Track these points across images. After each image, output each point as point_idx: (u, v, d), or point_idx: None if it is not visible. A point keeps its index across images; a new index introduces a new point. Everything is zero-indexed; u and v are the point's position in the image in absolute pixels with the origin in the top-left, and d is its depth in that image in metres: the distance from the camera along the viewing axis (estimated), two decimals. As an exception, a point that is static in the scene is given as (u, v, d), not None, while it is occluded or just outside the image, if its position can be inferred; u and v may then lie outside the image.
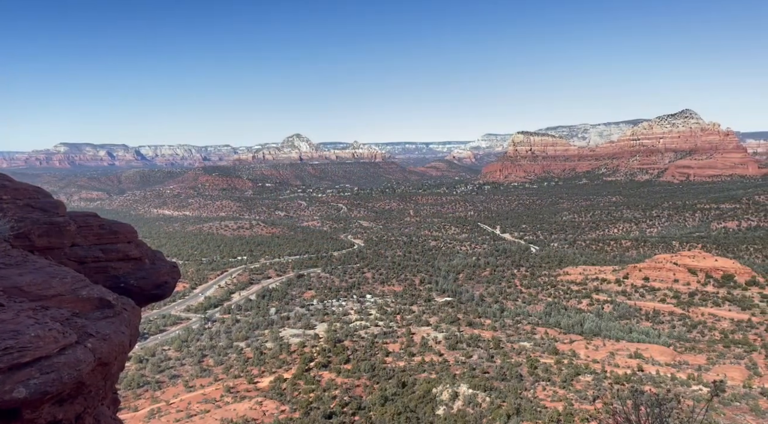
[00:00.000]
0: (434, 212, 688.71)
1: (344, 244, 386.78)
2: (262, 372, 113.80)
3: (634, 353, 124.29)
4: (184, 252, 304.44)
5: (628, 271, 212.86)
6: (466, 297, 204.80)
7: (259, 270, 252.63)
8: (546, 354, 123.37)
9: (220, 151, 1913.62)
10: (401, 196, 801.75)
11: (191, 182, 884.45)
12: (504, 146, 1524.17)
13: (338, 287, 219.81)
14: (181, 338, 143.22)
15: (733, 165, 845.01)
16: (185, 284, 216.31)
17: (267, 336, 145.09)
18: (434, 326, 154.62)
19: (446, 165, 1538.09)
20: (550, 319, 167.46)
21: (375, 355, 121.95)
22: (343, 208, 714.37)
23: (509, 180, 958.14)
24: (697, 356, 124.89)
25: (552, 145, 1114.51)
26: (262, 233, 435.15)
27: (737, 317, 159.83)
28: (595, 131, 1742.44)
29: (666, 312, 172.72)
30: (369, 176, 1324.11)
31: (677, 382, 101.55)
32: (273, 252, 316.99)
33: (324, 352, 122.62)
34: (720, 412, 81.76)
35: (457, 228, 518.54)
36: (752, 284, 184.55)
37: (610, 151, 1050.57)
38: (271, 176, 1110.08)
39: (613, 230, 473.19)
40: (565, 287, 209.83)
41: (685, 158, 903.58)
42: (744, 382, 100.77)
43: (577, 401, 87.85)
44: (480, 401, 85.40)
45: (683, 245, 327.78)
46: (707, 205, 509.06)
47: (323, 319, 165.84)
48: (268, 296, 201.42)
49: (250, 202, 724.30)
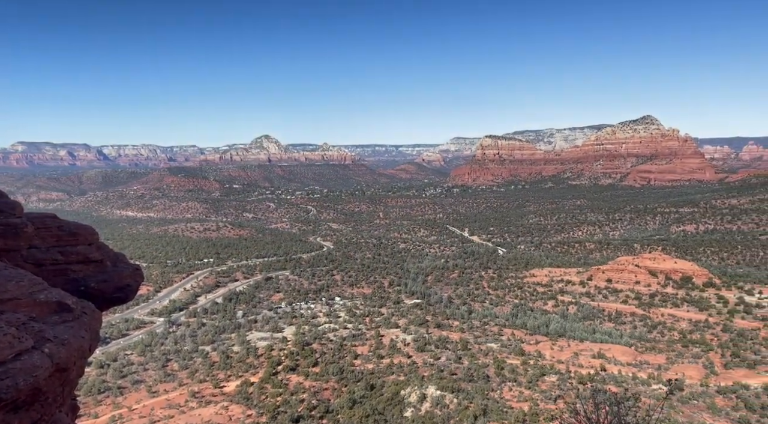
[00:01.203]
0: (404, 214, 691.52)
1: (313, 246, 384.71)
2: (229, 376, 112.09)
3: (598, 353, 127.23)
4: (149, 254, 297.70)
5: (591, 273, 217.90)
6: (435, 299, 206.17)
7: (226, 273, 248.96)
8: (512, 355, 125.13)
9: (187, 151, 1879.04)
10: (371, 198, 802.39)
11: (156, 183, 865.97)
12: (472, 150, 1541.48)
13: (307, 290, 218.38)
14: (145, 342, 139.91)
15: (691, 170, 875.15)
16: (149, 287, 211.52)
17: (234, 340, 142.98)
18: (403, 328, 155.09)
19: (416, 168, 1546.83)
20: (516, 320, 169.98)
21: (344, 357, 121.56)
22: (312, 210, 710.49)
23: (477, 183, 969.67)
24: (657, 356, 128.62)
25: (519, 149, 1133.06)
26: (229, 235, 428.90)
27: (695, 317, 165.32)
28: (560, 136, 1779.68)
29: (628, 313, 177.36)
30: (339, 178, 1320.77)
31: (638, 381, 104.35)
32: (240, 254, 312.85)
33: (292, 355, 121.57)
34: (678, 410, 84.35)
35: (426, 230, 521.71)
36: (709, 285, 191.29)
37: (575, 155, 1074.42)
38: (239, 178, 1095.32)
39: (578, 232, 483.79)
40: (532, 289, 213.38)
41: (646, 163, 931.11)
42: (701, 381, 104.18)
43: (543, 401, 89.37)
44: (448, 402, 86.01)
45: (644, 247, 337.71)
46: (667, 209, 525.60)
47: (291, 322, 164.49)
48: (235, 299, 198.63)
49: (217, 204, 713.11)
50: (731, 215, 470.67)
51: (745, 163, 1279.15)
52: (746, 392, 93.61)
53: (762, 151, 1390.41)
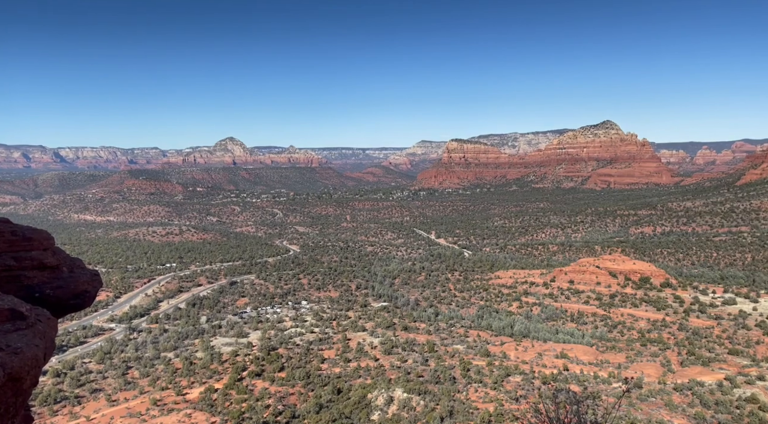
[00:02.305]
0: (371, 217, 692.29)
1: (279, 250, 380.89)
2: (192, 383, 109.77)
3: (560, 353, 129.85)
4: (108, 259, 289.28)
5: (554, 274, 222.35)
6: (402, 302, 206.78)
7: (190, 277, 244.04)
8: (478, 356, 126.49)
9: (148, 153, 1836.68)
10: (338, 201, 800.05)
11: (116, 186, 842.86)
12: (439, 153, 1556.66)
13: (273, 294, 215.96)
14: (104, 349, 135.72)
15: (649, 174, 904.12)
16: (109, 292, 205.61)
17: (197, 346, 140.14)
18: (370, 331, 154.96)
19: (383, 171, 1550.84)
20: (482, 322, 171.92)
21: (310, 362, 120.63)
22: (278, 213, 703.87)
23: (444, 186, 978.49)
24: (617, 355, 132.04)
25: (484, 152, 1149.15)
26: (192, 238, 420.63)
27: (653, 316, 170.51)
28: (524, 140, 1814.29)
29: (589, 313, 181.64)
30: (305, 181, 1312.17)
31: (599, 380, 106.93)
32: (204, 259, 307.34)
33: (257, 360, 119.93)
34: (638, 408, 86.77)
35: (393, 233, 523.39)
36: (666, 285, 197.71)
37: (538, 159, 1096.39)
38: (203, 180, 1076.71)
39: (541, 235, 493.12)
40: (497, 291, 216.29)
41: (606, 167, 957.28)
42: (659, 378, 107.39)
43: (507, 402, 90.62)
44: (414, 404, 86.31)
45: (605, 249, 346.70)
46: (626, 212, 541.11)
47: (257, 327, 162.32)
48: (198, 304, 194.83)
49: (180, 207, 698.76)
50: (686, 218, 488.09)
51: (699, 167, 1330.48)
52: (701, 388, 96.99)
53: (714, 155, 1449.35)
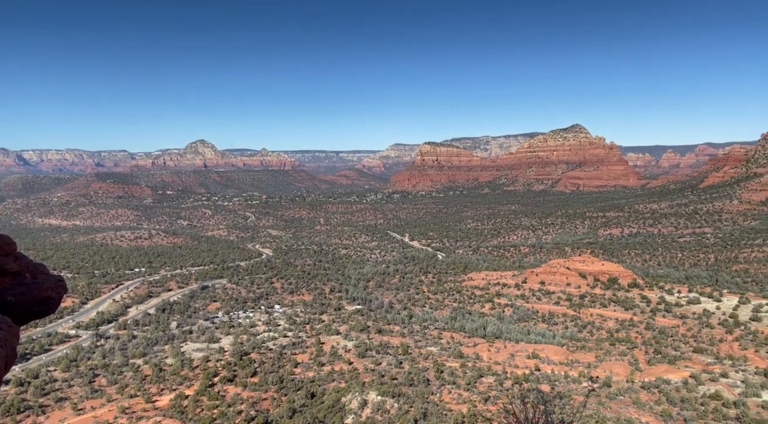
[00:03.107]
0: (345, 220, 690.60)
1: (252, 253, 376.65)
2: (162, 390, 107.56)
3: (532, 353, 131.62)
4: (74, 265, 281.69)
5: (526, 276, 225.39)
6: (376, 304, 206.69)
7: (159, 282, 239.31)
8: (452, 358, 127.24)
9: (116, 156, 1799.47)
10: (311, 204, 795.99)
11: (82, 189, 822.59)
12: (412, 156, 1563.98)
13: (245, 298, 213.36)
14: (69, 357, 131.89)
15: (617, 176, 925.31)
16: (74, 298, 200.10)
17: (167, 352, 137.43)
18: (344, 334, 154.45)
19: (356, 174, 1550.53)
20: (455, 323, 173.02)
21: (283, 366, 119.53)
22: (250, 216, 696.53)
23: (417, 189, 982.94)
24: (587, 355, 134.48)
25: (457, 155, 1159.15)
26: (162, 243, 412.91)
27: (621, 316, 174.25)
28: (496, 143, 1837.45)
29: (560, 314, 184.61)
30: (278, 184, 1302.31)
31: (569, 379, 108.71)
32: (174, 263, 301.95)
33: (229, 366, 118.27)
34: (607, 406, 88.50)
35: (367, 236, 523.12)
36: (633, 286, 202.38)
37: (510, 162, 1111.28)
38: (173, 183, 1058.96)
39: (513, 236, 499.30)
40: (470, 292, 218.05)
41: (575, 170, 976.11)
42: (627, 377, 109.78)
43: (481, 403, 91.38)
44: (389, 407, 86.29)
45: (575, 250, 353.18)
46: (595, 214, 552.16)
47: (229, 332, 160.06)
48: (168, 310, 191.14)
49: (149, 211, 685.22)
50: (653, 219, 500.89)
51: (664, 170, 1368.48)
52: (668, 386, 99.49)
53: (679, 158, 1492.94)
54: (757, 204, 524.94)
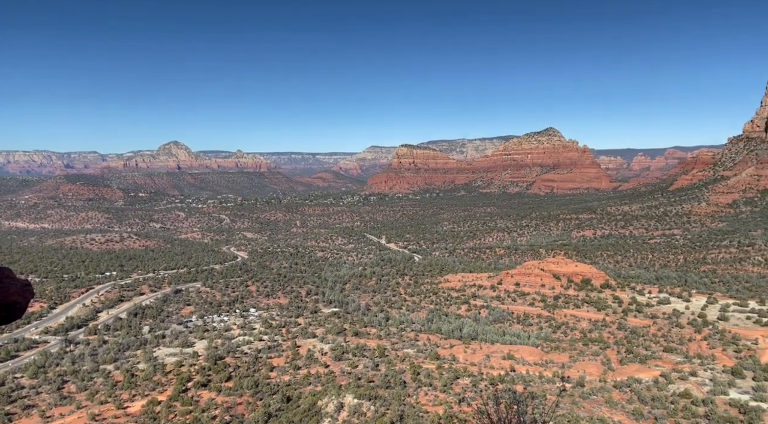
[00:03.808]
0: (321, 222, 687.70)
1: (227, 256, 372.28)
2: (134, 396, 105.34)
3: (507, 354, 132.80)
4: (42, 268, 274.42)
5: (501, 277, 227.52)
6: (353, 307, 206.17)
7: (131, 286, 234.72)
8: (428, 360, 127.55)
9: (86, 158, 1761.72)
10: (287, 206, 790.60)
11: (51, 192, 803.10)
12: (389, 158, 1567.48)
13: (220, 302, 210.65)
14: (37, 363, 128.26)
15: (589, 179, 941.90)
16: (43, 303, 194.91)
17: (139, 357, 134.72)
18: (320, 337, 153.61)
19: (333, 176, 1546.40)
20: (432, 325, 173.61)
21: (259, 370, 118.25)
22: (225, 219, 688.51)
23: (394, 191, 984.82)
24: (561, 355, 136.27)
25: (433, 158, 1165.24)
26: (134, 246, 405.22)
27: (594, 317, 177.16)
28: (471, 146, 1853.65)
29: (534, 315, 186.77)
30: (254, 186, 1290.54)
31: (544, 379, 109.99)
32: (147, 266, 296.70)
33: (203, 370, 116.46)
34: (580, 406, 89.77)
35: (344, 238, 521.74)
36: (606, 286, 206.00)
37: (485, 165, 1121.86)
38: (146, 185, 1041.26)
39: (489, 238, 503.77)
40: (446, 294, 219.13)
41: (549, 173, 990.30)
42: (600, 377, 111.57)
43: (457, 404, 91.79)
44: (365, 410, 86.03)
45: (549, 252, 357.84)
46: (568, 216, 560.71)
47: (203, 336, 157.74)
48: (141, 314, 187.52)
49: (120, 214, 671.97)
50: (624, 221, 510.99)
51: (635, 172, 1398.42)
52: (639, 385, 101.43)
53: (649, 161, 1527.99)
54: (724, 206, 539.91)
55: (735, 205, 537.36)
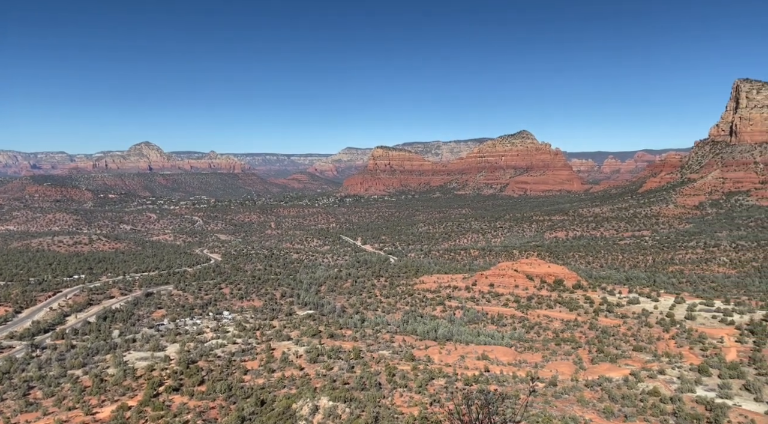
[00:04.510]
0: (296, 224, 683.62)
1: (200, 258, 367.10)
2: (103, 401, 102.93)
3: (482, 355, 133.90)
4: (7, 272, 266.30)
5: (476, 278, 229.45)
6: (328, 309, 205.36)
7: (101, 289, 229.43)
8: (403, 361, 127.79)
9: (54, 158, 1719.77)
10: (262, 208, 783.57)
11: (17, 193, 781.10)
12: (364, 160, 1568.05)
13: (192, 305, 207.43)
14: (2, 369, 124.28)
15: (562, 181, 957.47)
16: (7, 307, 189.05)
17: (109, 361, 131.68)
18: (295, 339, 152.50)
19: (308, 177, 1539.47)
20: (407, 327, 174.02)
21: (232, 374, 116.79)
22: (198, 220, 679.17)
23: (370, 193, 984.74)
24: (534, 355, 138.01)
25: (409, 160, 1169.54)
26: (104, 248, 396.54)
27: (566, 317, 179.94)
28: (447, 148, 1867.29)
29: (508, 315, 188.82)
30: (227, 188, 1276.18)
31: (517, 379, 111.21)
32: (117, 269, 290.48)
33: (175, 374, 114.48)
34: (553, 405, 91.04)
35: (319, 240, 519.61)
36: (578, 287, 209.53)
37: (460, 167, 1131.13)
38: (116, 187, 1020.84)
39: (463, 240, 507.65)
40: (421, 295, 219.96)
41: (523, 175, 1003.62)
42: (572, 376, 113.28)
43: (431, 405, 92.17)
44: (340, 412, 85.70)
45: (522, 253, 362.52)
46: (541, 217, 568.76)
47: (175, 339, 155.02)
48: (110, 318, 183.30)
49: (89, 215, 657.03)
50: (595, 223, 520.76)
51: (606, 175, 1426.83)
52: (609, 384, 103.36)
53: (619, 164, 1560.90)
54: (691, 208, 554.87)
55: (701, 207, 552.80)
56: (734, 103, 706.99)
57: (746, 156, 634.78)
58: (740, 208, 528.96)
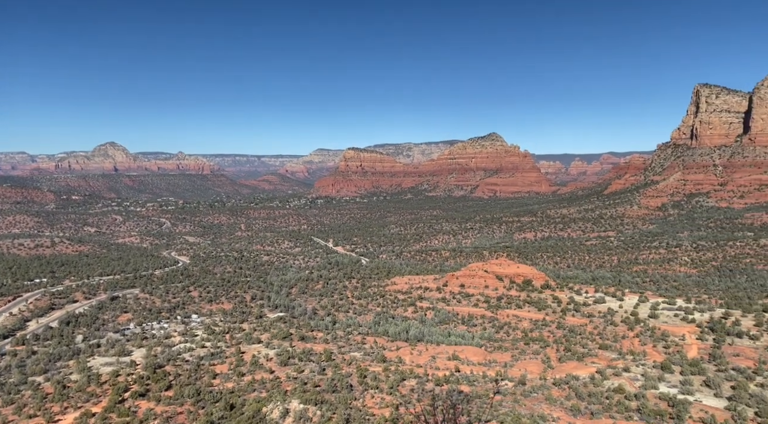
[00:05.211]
0: (267, 226, 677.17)
1: (167, 261, 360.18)
2: (65, 408, 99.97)
3: (452, 355, 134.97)
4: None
5: (447, 279, 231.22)
6: (299, 311, 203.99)
7: (63, 293, 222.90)
8: (375, 362, 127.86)
9: (14, 159, 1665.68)
10: (232, 210, 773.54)
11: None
12: (336, 161, 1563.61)
13: (160, 309, 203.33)
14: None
15: (530, 183, 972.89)
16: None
17: (72, 367, 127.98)
18: (266, 342, 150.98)
19: (279, 178, 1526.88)
20: (379, 328, 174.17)
21: (201, 378, 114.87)
22: (166, 223, 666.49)
23: (341, 194, 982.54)
24: (503, 354, 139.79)
25: (380, 161, 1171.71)
26: (67, 251, 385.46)
27: (535, 316, 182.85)
28: (418, 150, 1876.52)
29: (479, 315, 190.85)
30: (196, 189, 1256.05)
31: (487, 379, 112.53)
32: (81, 273, 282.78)
33: (141, 380, 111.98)
34: (522, 403, 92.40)
35: (290, 242, 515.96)
36: (546, 287, 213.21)
37: (431, 168, 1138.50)
38: (80, 188, 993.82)
39: (435, 241, 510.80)
40: (393, 297, 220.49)
41: (492, 176, 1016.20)
42: (540, 375, 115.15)
43: (402, 406, 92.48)
44: (311, 415, 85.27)
45: (492, 254, 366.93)
46: (511, 219, 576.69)
47: (142, 344, 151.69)
48: (74, 322, 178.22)
49: (52, 217, 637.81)
50: (563, 224, 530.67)
51: (573, 177, 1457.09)
52: (576, 382, 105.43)
53: (586, 166, 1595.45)
54: (654, 209, 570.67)
55: (664, 208, 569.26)
56: (695, 108, 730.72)
57: (706, 159, 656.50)
58: (700, 209, 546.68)
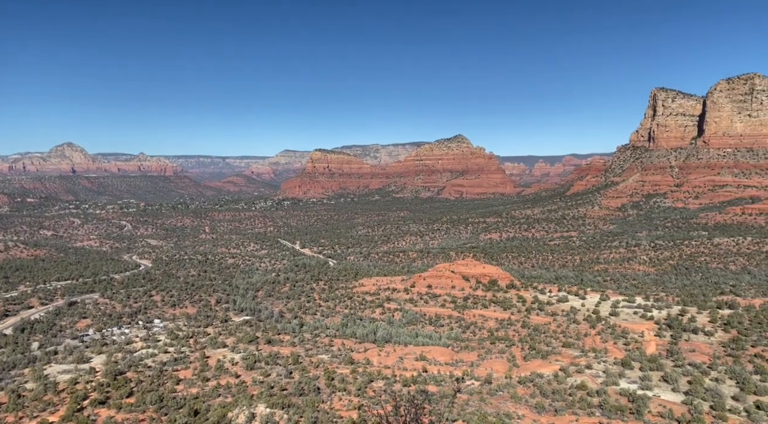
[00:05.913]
0: (232, 228, 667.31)
1: (128, 265, 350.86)
2: (20, 418, 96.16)
3: (420, 355, 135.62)
4: None
5: (414, 280, 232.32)
6: (266, 314, 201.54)
7: (18, 299, 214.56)
8: (343, 365, 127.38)
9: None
10: (195, 212, 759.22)
11: None
12: (303, 163, 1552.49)
13: (120, 314, 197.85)
14: None
15: (495, 184, 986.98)
16: None
17: (27, 375, 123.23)
18: (231, 347, 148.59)
19: (245, 180, 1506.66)
20: (346, 330, 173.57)
21: (164, 384, 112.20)
22: (127, 225, 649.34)
23: (308, 196, 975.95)
24: (470, 354, 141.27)
25: (348, 163, 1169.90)
26: (21, 255, 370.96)
27: (500, 316, 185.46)
28: (385, 151, 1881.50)
29: (446, 316, 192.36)
30: (158, 191, 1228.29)
31: (454, 378, 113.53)
32: (37, 278, 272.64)
33: (101, 387, 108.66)
34: (488, 402, 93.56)
35: (256, 244, 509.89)
36: (511, 287, 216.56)
37: (398, 170, 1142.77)
38: (35, 190, 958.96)
39: (402, 242, 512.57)
40: (361, 298, 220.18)
41: (459, 178, 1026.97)
42: (506, 373, 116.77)
43: (370, 407, 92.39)
44: (278, 419, 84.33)
45: (459, 254, 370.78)
46: (477, 220, 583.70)
47: (101, 350, 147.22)
48: (29, 329, 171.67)
49: (5, 221, 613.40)
50: (527, 224, 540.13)
51: (536, 178, 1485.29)
52: (541, 380, 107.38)
53: (549, 168, 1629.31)
54: (614, 210, 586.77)
55: (623, 209, 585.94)
56: (652, 111, 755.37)
57: (663, 160, 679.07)
58: (658, 209, 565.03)
